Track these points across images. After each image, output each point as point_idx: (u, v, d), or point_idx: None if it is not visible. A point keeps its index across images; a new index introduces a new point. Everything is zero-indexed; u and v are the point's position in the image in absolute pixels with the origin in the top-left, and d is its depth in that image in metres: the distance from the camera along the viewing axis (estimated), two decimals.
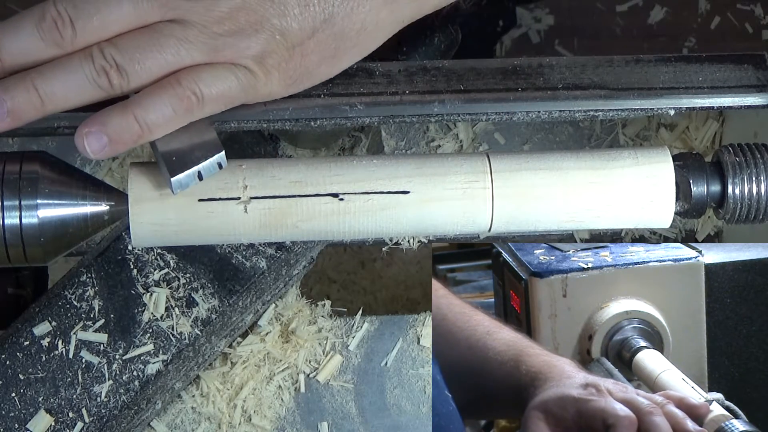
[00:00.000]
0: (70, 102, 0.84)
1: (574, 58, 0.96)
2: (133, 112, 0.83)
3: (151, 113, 0.83)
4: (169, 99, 0.83)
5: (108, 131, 0.83)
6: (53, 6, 0.83)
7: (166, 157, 0.84)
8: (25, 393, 0.99)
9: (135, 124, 0.83)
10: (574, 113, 0.94)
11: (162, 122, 0.84)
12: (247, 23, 0.84)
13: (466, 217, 0.89)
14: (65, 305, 1.01)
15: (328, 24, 0.86)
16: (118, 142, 0.83)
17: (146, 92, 0.84)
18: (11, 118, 0.84)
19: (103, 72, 0.83)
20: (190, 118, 0.85)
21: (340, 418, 1.10)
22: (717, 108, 0.95)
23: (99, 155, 0.84)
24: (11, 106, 0.83)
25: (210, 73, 0.84)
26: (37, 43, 0.83)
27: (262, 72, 0.86)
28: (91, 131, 0.83)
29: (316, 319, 1.12)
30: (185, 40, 0.84)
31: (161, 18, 0.84)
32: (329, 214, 0.87)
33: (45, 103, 0.83)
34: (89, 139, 0.83)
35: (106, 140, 0.83)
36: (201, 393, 1.09)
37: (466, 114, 0.93)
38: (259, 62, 0.85)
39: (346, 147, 1.07)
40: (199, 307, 1.02)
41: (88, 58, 0.83)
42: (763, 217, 0.91)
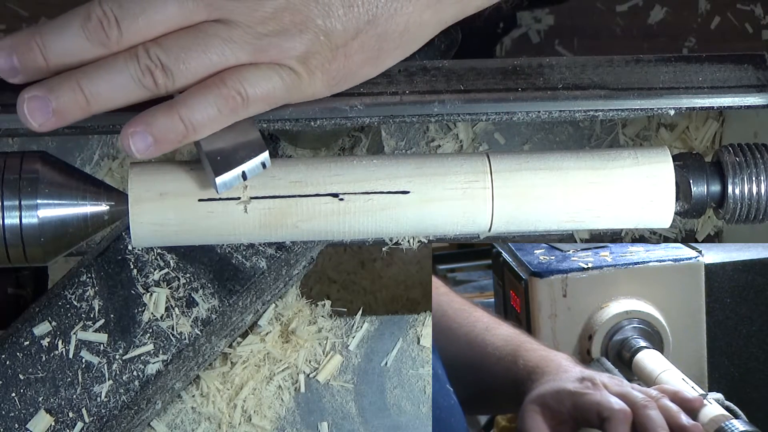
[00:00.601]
0: (115, 102, 0.84)
1: (574, 58, 0.96)
2: (178, 112, 0.83)
3: (196, 113, 0.83)
4: (215, 99, 0.83)
5: (153, 131, 0.83)
6: (99, 6, 0.83)
7: (210, 157, 0.84)
8: (25, 393, 0.99)
9: (180, 123, 0.83)
10: (574, 113, 0.94)
11: (207, 122, 0.84)
12: (291, 23, 0.84)
13: (466, 217, 0.89)
14: (65, 305, 1.01)
15: (372, 25, 0.86)
16: (163, 142, 0.84)
17: (191, 92, 0.84)
18: (56, 118, 0.84)
19: (148, 72, 0.83)
20: (234, 118, 0.85)
21: (340, 418, 1.10)
22: (717, 108, 0.95)
23: (144, 155, 0.84)
24: (56, 105, 0.83)
25: (254, 74, 0.84)
26: (82, 43, 0.83)
27: (306, 72, 0.86)
28: (137, 131, 0.83)
29: (316, 319, 1.12)
30: (230, 41, 0.84)
31: (206, 18, 0.84)
32: (329, 214, 0.87)
33: (90, 103, 0.84)
34: (134, 138, 0.83)
35: (151, 140, 0.83)
36: (201, 393, 1.09)
37: (466, 114, 0.93)
38: (303, 62, 0.85)
39: (346, 147, 1.07)
40: (199, 307, 1.02)
41: (133, 58, 0.83)
42: (763, 217, 0.91)
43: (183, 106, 0.83)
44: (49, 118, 0.84)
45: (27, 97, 0.84)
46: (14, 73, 0.85)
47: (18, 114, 0.84)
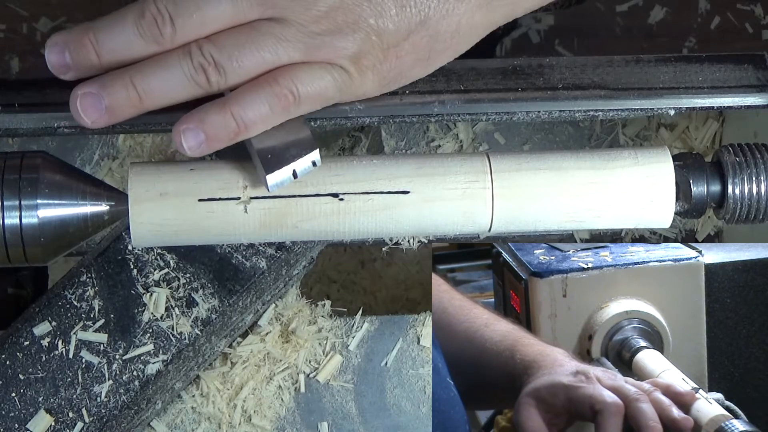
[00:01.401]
0: (168, 99, 0.84)
1: (574, 58, 0.96)
2: (231, 110, 0.84)
3: (248, 111, 0.84)
4: (267, 97, 0.84)
5: (205, 128, 0.84)
6: (153, 3, 0.83)
7: (261, 155, 0.84)
8: (25, 393, 0.99)
9: (232, 121, 0.84)
10: (574, 113, 0.94)
11: (259, 120, 0.84)
12: (344, 23, 0.84)
13: (466, 217, 0.89)
14: (65, 305, 1.01)
15: (424, 26, 0.86)
16: (214, 140, 0.84)
17: (244, 90, 0.84)
18: (109, 115, 0.84)
19: (201, 69, 0.83)
20: (285, 117, 0.85)
21: (340, 418, 1.10)
22: (717, 108, 0.95)
23: (195, 152, 0.84)
24: (109, 102, 0.84)
25: (307, 73, 0.85)
26: (136, 41, 0.84)
27: (357, 72, 0.86)
28: (189, 128, 0.84)
29: (316, 319, 1.12)
30: (283, 39, 0.84)
31: (260, 16, 0.84)
32: (329, 214, 0.87)
33: (143, 100, 0.84)
34: (186, 135, 0.84)
35: (203, 137, 0.84)
36: (201, 393, 1.09)
37: (466, 114, 0.93)
38: (354, 62, 0.86)
39: (346, 147, 1.07)
40: (199, 307, 1.02)
41: (186, 55, 0.84)
42: (763, 217, 0.91)
43: (235, 103, 0.84)
44: (101, 115, 0.84)
45: (80, 93, 0.84)
46: (66, 69, 0.85)
47: (71, 110, 0.85)
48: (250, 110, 0.84)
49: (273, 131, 0.85)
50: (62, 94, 0.90)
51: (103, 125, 0.85)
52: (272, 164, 0.84)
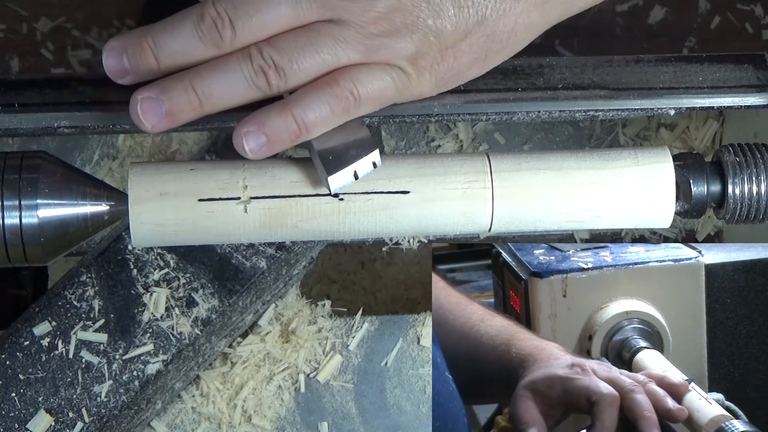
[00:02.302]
0: (227, 102, 0.85)
1: (574, 58, 0.96)
2: (291, 112, 0.84)
3: (309, 113, 0.84)
4: (327, 99, 0.84)
5: (267, 131, 0.84)
6: (212, 7, 0.83)
7: (322, 156, 0.85)
8: (25, 393, 0.99)
9: (293, 123, 0.84)
10: (574, 113, 0.94)
11: (319, 122, 0.84)
12: (402, 24, 0.85)
13: (466, 217, 0.89)
14: (65, 305, 1.01)
15: (481, 26, 0.86)
16: (275, 142, 0.84)
17: (304, 92, 0.84)
18: (169, 119, 0.84)
19: (261, 72, 0.83)
20: (346, 118, 0.86)
21: (340, 418, 1.10)
22: (717, 108, 0.95)
23: (257, 155, 0.84)
24: (169, 107, 0.84)
25: (366, 74, 0.85)
26: (195, 44, 0.84)
27: (416, 72, 0.86)
28: (251, 130, 0.84)
29: (316, 319, 1.12)
30: (342, 40, 0.84)
31: (318, 18, 0.84)
32: (329, 214, 0.87)
33: (203, 103, 0.84)
34: (248, 138, 0.84)
35: (264, 140, 0.84)
36: (201, 393, 1.09)
37: (466, 114, 0.93)
38: (413, 63, 0.86)
39: None
40: (199, 307, 1.02)
41: (246, 58, 0.84)
42: (763, 217, 0.91)
43: (296, 105, 0.84)
44: (161, 119, 0.84)
45: (140, 98, 0.84)
46: (124, 74, 0.85)
47: (131, 115, 0.85)
48: (311, 112, 0.84)
49: (332, 132, 0.86)
50: (62, 94, 0.90)
51: (163, 129, 0.85)
52: (333, 166, 0.85)
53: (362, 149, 0.85)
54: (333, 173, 0.84)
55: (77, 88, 0.91)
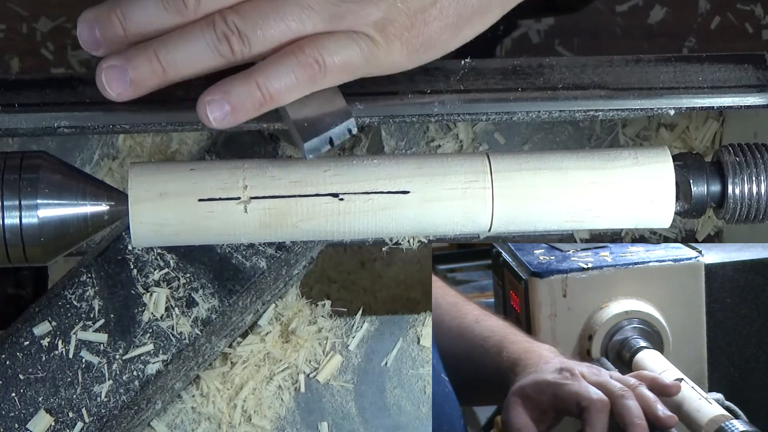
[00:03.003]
0: (191, 69, 0.84)
1: (574, 58, 0.96)
2: (255, 80, 0.83)
3: (273, 81, 0.84)
4: (292, 67, 0.83)
5: (230, 99, 0.83)
6: None
7: (298, 124, 0.84)
8: (25, 393, 0.99)
9: (257, 91, 0.83)
10: (574, 113, 0.94)
11: (284, 90, 0.84)
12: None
13: (466, 217, 0.89)
14: (65, 305, 1.01)
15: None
16: (240, 110, 0.84)
17: (269, 60, 0.84)
18: (133, 87, 0.85)
19: (224, 39, 0.83)
20: (312, 87, 0.85)
21: (340, 418, 1.10)
22: (717, 108, 0.95)
23: (221, 124, 0.84)
24: (133, 75, 0.84)
25: (332, 42, 0.84)
26: (160, 13, 0.84)
27: (384, 41, 0.86)
28: (214, 99, 0.84)
29: (316, 319, 1.12)
30: (307, 8, 0.84)
31: None
32: (329, 214, 0.87)
33: (167, 71, 0.84)
34: (212, 106, 0.84)
35: (228, 108, 0.84)
36: (201, 393, 1.09)
37: (466, 114, 0.93)
38: (380, 30, 0.85)
39: (346, 147, 1.07)
40: (199, 307, 1.02)
41: (210, 25, 0.84)
42: (763, 217, 0.91)
43: (260, 73, 0.84)
44: (126, 88, 0.84)
45: (105, 66, 0.84)
46: (97, 45, 0.86)
47: (97, 84, 0.85)
48: (276, 80, 0.84)
49: (308, 102, 0.85)
50: (62, 94, 0.90)
51: (129, 98, 0.85)
52: (308, 133, 0.84)
53: (338, 117, 0.85)
54: (308, 140, 0.84)
55: (77, 88, 0.91)
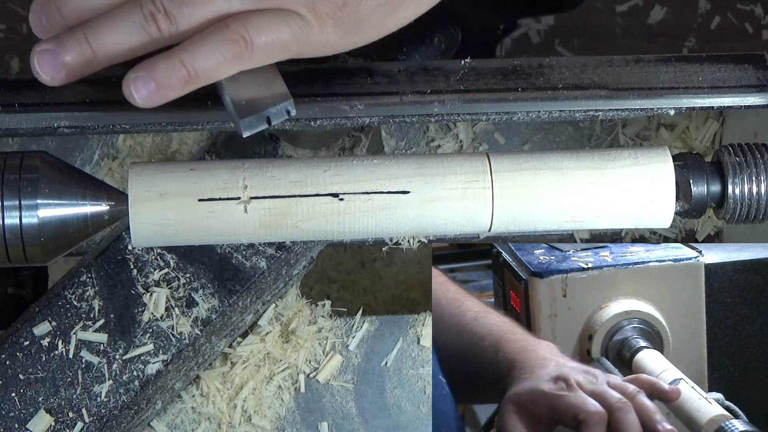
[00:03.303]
0: (120, 50, 0.84)
1: (574, 58, 0.96)
2: (180, 57, 0.83)
3: (198, 58, 0.83)
4: (217, 44, 0.83)
5: (155, 76, 0.83)
6: None
7: (235, 103, 0.84)
8: (25, 393, 0.99)
9: (182, 68, 0.83)
10: (574, 113, 0.94)
11: (210, 68, 0.83)
12: None
13: (466, 217, 0.89)
14: (65, 305, 1.01)
15: None
16: (165, 88, 0.83)
17: (194, 38, 0.83)
18: (66, 71, 0.84)
19: (151, 18, 0.83)
20: (240, 65, 0.84)
21: (340, 418, 1.10)
22: (717, 108, 0.95)
23: (146, 102, 0.83)
24: (65, 59, 0.84)
25: (260, 20, 0.83)
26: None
27: (315, 19, 0.85)
28: (139, 76, 0.83)
29: (316, 319, 1.12)
30: None
31: None
32: (329, 214, 0.87)
33: (96, 53, 0.84)
34: (136, 84, 0.83)
35: (153, 86, 0.83)
36: (201, 393, 1.09)
37: (466, 114, 0.93)
38: (310, 9, 0.84)
39: (346, 147, 1.07)
40: (199, 307, 1.02)
41: (137, 5, 0.83)
42: (763, 217, 0.91)
43: (185, 50, 0.83)
44: (58, 72, 0.84)
45: (37, 51, 0.84)
46: (44, 32, 0.86)
47: (31, 69, 0.85)
48: (200, 57, 0.83)
49: (247, 83, 0.85)
50: (62, 94, 0.90)
51: (62, 82, 0.85)
52: (245, 111, 0.83)
53: (276, 99, 0.84)
54: (244, 117, 0.83)
55: (77, 88, 0.91)
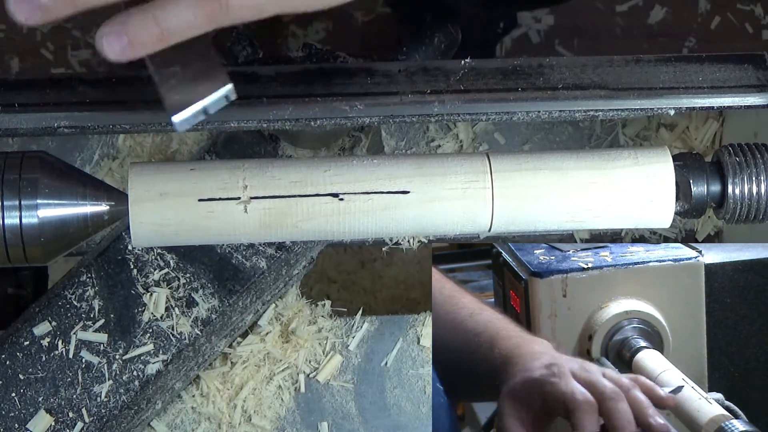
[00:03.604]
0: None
1: (574, 58, 0.96)
2: (153, 13, 0.82)
3: (171, 15, 0.82)
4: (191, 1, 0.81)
5: (127, 30, 0.81)
6: None
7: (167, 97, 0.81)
8: (25, 393, 0.99)
9: (155, 26, 0.82)
10: (574, 113, 0.94)
11: (182, 26, 0.82)
12: None
13: (466, 217, 0.89)
14: (65, 305, 1.01)
15: None
16: (137, 45, 0.82)
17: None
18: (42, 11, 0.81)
19: None
20: (213, 24, 0.82)
21: (340, 418, 1.10)
22: (717, 108, 0.95)
23: (118, 57, 0.82)
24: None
25: None
26: None
27: None
28: (112, 30, 0.82)
29: (316, 319, 1.12)
30: None
31: None
32: (329, 214, 0.87)
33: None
34: (109, 39, 0.82)
35: (126, 41, 0.81)
36: (201, 393, 1.09)
37: (466, 114, 0.93)
38: None
39: (346, 147, 1.07)
40: (199, 307, 1.02)
41: None
42: (763, 217, 0.91)
43: (158, 7, 0.82)
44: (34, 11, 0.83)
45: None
46: None
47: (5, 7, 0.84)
48: (173, 15, 0.81)
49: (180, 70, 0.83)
50: (62, 94, 0.90)
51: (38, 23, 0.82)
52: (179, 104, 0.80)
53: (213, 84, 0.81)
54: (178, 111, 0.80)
55: (77, 88, 0.91)
